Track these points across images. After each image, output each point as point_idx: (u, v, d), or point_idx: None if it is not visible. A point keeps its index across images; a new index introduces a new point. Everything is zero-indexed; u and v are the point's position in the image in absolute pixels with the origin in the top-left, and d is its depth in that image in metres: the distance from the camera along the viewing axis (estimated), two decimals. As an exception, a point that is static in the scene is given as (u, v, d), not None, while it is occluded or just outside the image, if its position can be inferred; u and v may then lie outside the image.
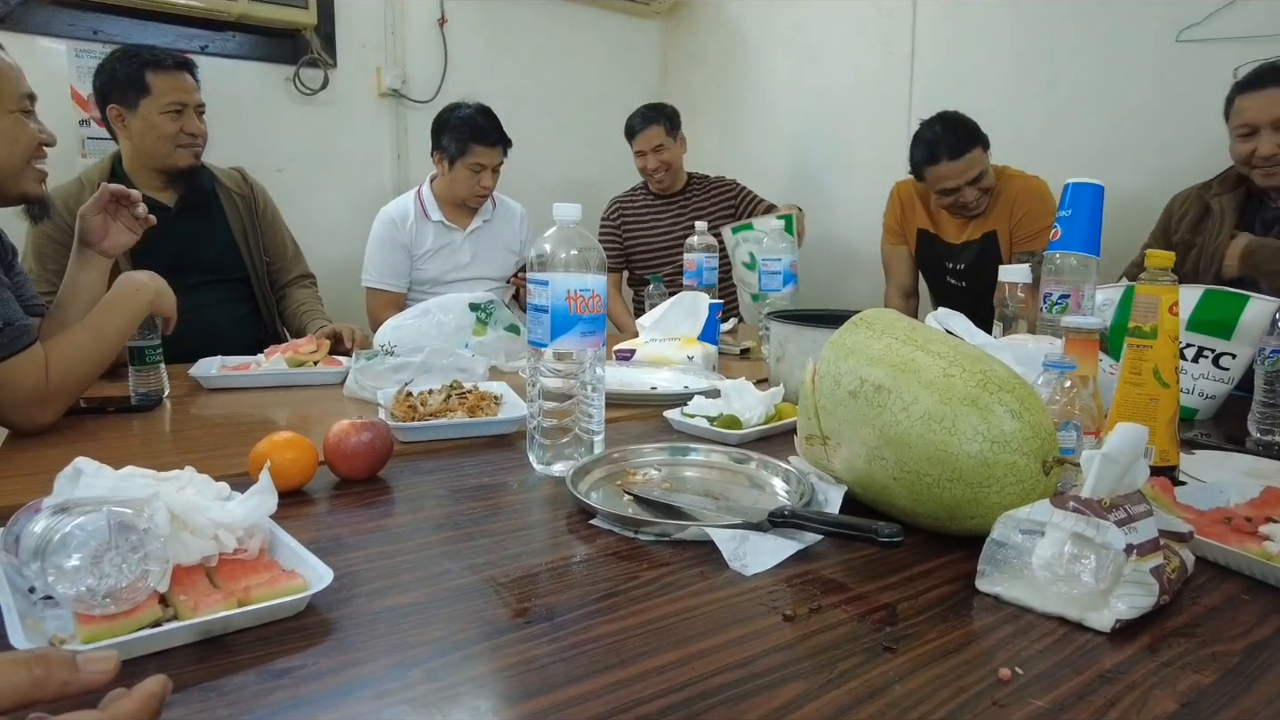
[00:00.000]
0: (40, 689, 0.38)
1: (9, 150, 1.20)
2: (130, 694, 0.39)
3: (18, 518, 0.64)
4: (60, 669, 0.39)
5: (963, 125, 2.16)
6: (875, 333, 0.84)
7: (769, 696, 0.53)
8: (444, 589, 0.67)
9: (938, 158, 2.15)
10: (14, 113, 1.19)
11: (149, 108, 1.79)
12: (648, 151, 2.73)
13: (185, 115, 1.82)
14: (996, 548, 0.68)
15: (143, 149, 1.82)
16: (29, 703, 0.37)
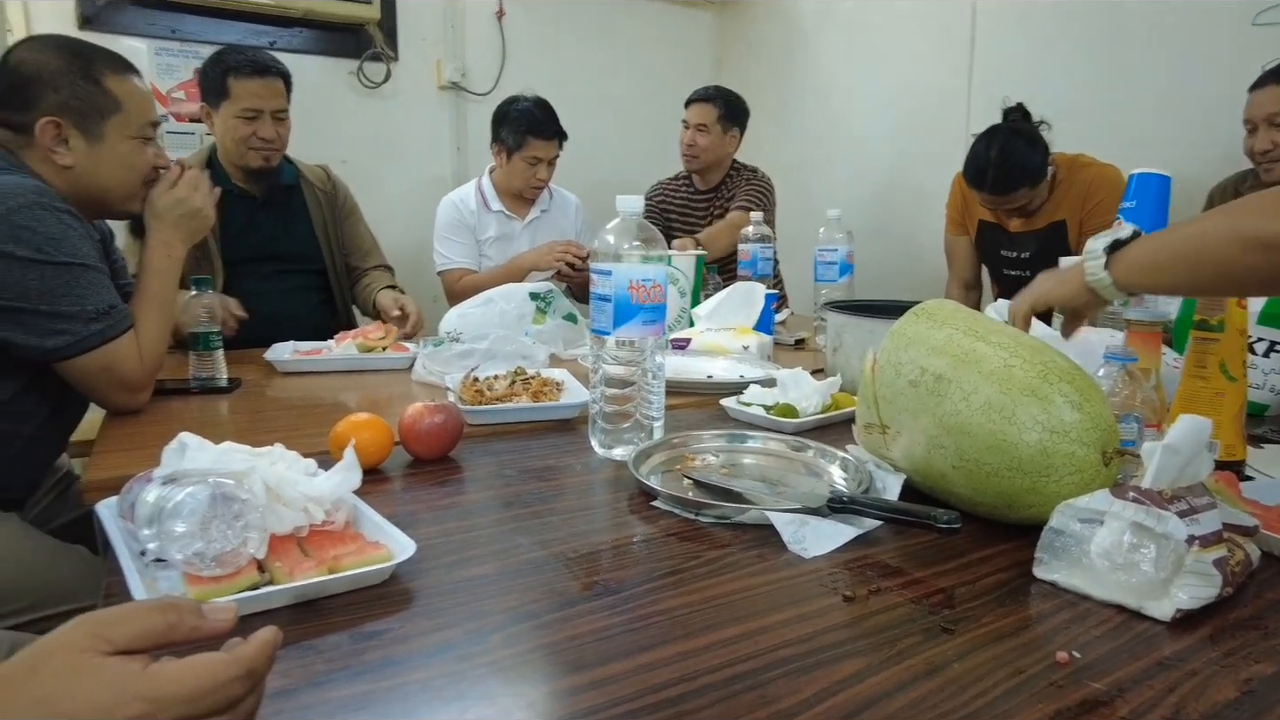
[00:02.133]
0: (174, 632, 0.42)
1: (126, 175, 1.27)
2: (248, 641, 0.43)
3: (131, 487, 0.70)
4: (190, 615, 0.43)
5: (1017, 165, 2.05)
6: (936, 323, 0.85)
7: (831, 670, 0.55)
8: (516, 562, 0.71)
9: (981, 187, 2.09)
10: (135, 139, 1.26)
11: (227, 110, 1.87)
12: (690, 125, 2.68)
13: (259, 120, 1.88)
14: (1054, 536, 0.69)
15: (225, 147, 1.92)
16: (165, 644, 0.42)
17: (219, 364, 1.42)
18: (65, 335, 1.12)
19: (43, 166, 1.20)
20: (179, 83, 2.62)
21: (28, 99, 1.19)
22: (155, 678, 0.39)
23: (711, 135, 2.66)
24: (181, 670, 0.40)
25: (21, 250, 1.08)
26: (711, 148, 2.67)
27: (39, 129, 1.18)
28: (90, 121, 1.21)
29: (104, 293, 1.16)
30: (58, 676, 0.39)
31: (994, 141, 2.05)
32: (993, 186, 2.06)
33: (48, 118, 1.18)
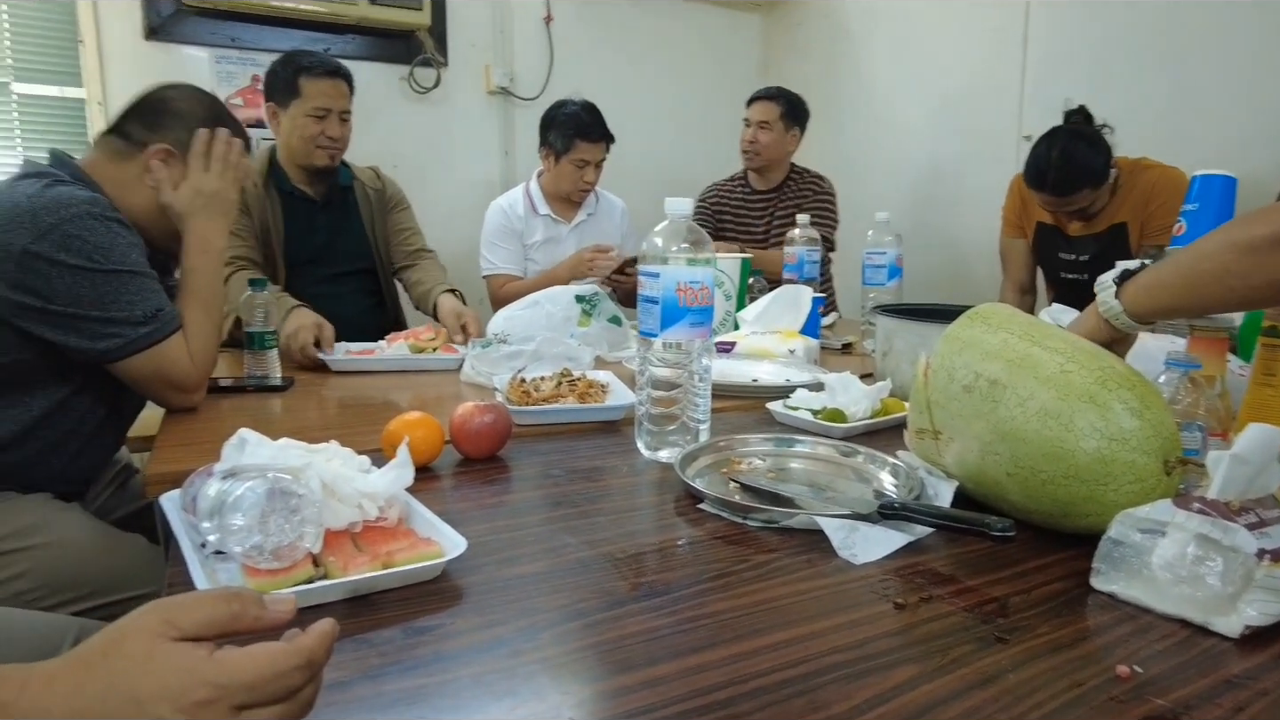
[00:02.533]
0: (237, 621, 0.43)
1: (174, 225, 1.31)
2: (307, 632, 0.44)
3: (193, 480, 0.72)
4: (253, 606, 0.44)
5: (1079, 167, 2.01)
6: (991, 327, 0.83)
7: (883, 677, 0.54)
8: (565, 561, 0.71)
9: (1042, 188, 2.05)
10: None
11: (297, 109, 1.93)
12: (753, 123, 2.68)
13: (328, 120, 1.94)
14: (1113, 546, 0.67)
15: (290, 146, 1.97)
16: (229, 633, 0.43)
17: (273, 363, 1.45)
18: (116, 339, 1.16)
19: (125, 187, 1.26)
20: (237, 90, 2.70)
21: (158, 124, 1.28)
22: (221, 664, 0.40)
23: (773, 133, 2.67)
24: (245, 658, 0.41)
25: (73, 259, 1.12)
26: (773, 145, 2.69)
27: (151, 150, 1.26)
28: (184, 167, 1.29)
29: (152, 297, 1.20)
30: (131, 660, 0.40)
31: (1055, 143, 2.01)
32: (1054, 188, 2.02)
33: (163, 145, 1.26)
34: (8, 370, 1.16)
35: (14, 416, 1.18)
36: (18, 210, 1.11)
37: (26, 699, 0.39)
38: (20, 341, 1.15)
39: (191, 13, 2.60)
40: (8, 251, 1.10)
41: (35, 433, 1.20)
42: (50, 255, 1.11)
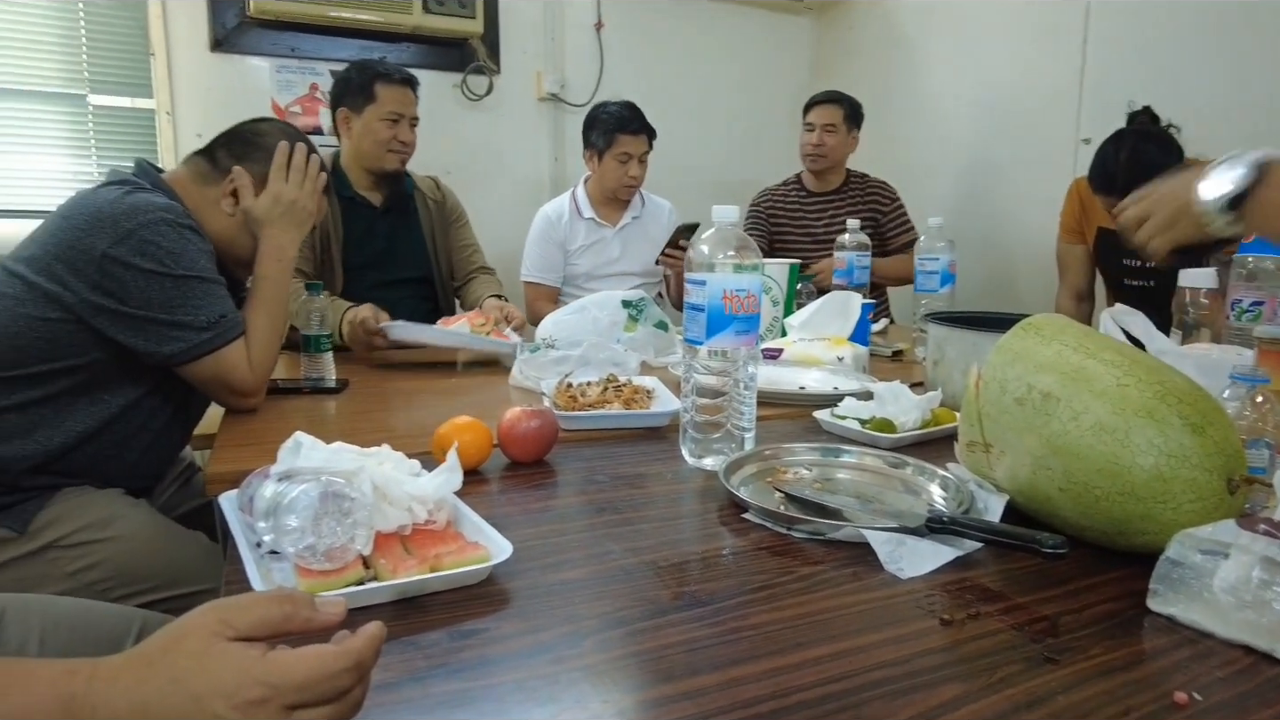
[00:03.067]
0: (289, 622, 0.45)
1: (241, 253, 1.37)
2: (356, 634, 0.45)
3: (250, 481, 0.75)
4: (304, 608, 0.45)
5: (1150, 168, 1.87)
6: (1044, 338, 0.81)
7: (927, 695, 0.53)
8: (608, 568, 0.72)
9: (1110, 191, 1.99)
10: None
11: (371, 114, 1.99)
12: (818, 127, 2.68)
13: (400, 125, 2.01)
14: (1171, 567, 0.65)
15: (360, 150, 2.02)
16: (280, 633, 0.44)
17: (328, 365, 1.49)
18: (180, 342, 1.20)
19: (208, 209, 1.32)
20: (295, 98, 2.78)
21: (245, 153, 1.34)
22: (273, 664, 0.42)
23: (839, 135, 2.70)
24: (297, 659, 0.42)
25: (147, 263, 1.17)
26: (838, 147, 2.72)
27: (234, 173, 1.32)
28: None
29: (217, 303, 1.24)
30: (190, 657, 0.42)
31: (1124, 145, 1.96)
32: (1124, 191, 1.96)
33: (247, 165, 1.32)
34: (89, 369, 1.21)
35: (94, 412, 1.23)
36: (100, 215, 1.17)
37: (95, 691, 0.41)
38: (99, 342, 1.20)
39: (254, 24, 2.68)
40: (89, 255, 1.16)
41: (111, 428, 1.25)
42: (127, 259, 1.16)
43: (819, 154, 2.70)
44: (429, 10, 2.79)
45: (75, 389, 1.21)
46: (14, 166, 2.49)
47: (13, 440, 1.18)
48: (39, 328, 1.17)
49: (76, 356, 1.20)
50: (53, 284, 1.16)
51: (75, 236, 1.16)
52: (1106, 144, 1.99)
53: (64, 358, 1.19)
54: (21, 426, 1.19)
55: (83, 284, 1.16)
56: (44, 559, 1.16)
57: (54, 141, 2.54)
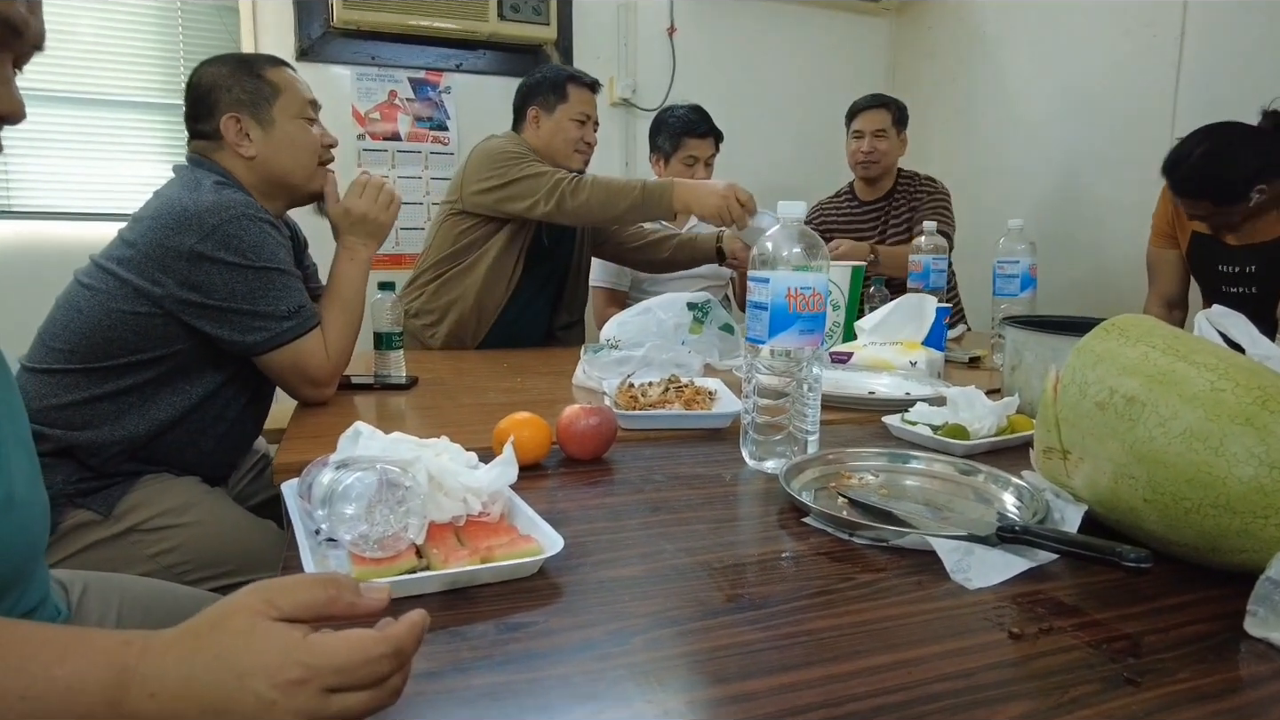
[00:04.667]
0: (333, 605, 0.45)
1: (299, 154, 1.39)
2: (399, 621, 0.45)
3: (310, 470, 0.76)
4: (348, 592, 0.46)
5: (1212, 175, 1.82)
6: (1130, 340, 0.76)
7: (990, 711, 0.50)
8: (662, 567, 0.70)
9: (1170, 177, 1.90)
10: (300, 118, 1.39)
11: (563, 113, 2.06)
12: (867, 134, 2.61)
13: (586, 127, 2.09)
14: (1273, 587, 0.60)
15: (551, 146, 2.07)
16: (324, 616, 0.45)
17: (399, 363, 1.52)
18: (262, 332, 1.25)
19: (235, 164, 1.35)
20: (375, 105, 2.85)
21: (210, 106, 1.35)
22: (314, 646, 0.42)
23: (889, 140, 2.62)
24: (337, 642, 0.42)
25: (231, 256, 1.22)
26: (890, 152, 2.64)
27: (223, 126, 1.34)
28: (260, 110, 1.36)
29: (295, 295, 1.29)
30: (234, 635, 0.42)
31: (1208, 140, 1.83)
32: (1178, 184, 1.87)
33: (228, 115, 1.34)
34: (173, 360, 1.27)
35: (175, 402, 1.29)
36: (186, 214, 1.22)
37: (146, 663, 0.42)
38: (185, 334, 1.26)
39: (338, 34, 2.77)
40: (178, 251, 1.21)
41: (191, 417, 1.30)
42: (213, 254, 1.21)
43: (871, 160, 2.61)
44: (504, 17, 2.83)
45: (160, 379, 1.27)
46: (118, 173, 2.63)
47: (103, 427, 1.24)
48: (130, 321, 1.23)
49: (163, 348, 1.25)
50: (144, 280, 1.22)
51: (165, 235, 1.22)
52: (1195, 133, 1.87)
53: (151, 349, 1.25)
54: (111, 414, 1.25)
55: (172, 280, 1.21)
56: (127, 541, 1.22)
57: (155, 149, 2.67)
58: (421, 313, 2.03)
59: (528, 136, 2.08)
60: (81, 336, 1.23)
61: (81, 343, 1.23)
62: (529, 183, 1.89)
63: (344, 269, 1.42)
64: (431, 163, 2.93)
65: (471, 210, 1.98)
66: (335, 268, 1.42)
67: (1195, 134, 1.88)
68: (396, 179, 2.88)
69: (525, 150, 1.98)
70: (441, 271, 2.02)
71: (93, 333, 1.23)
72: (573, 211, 1.86)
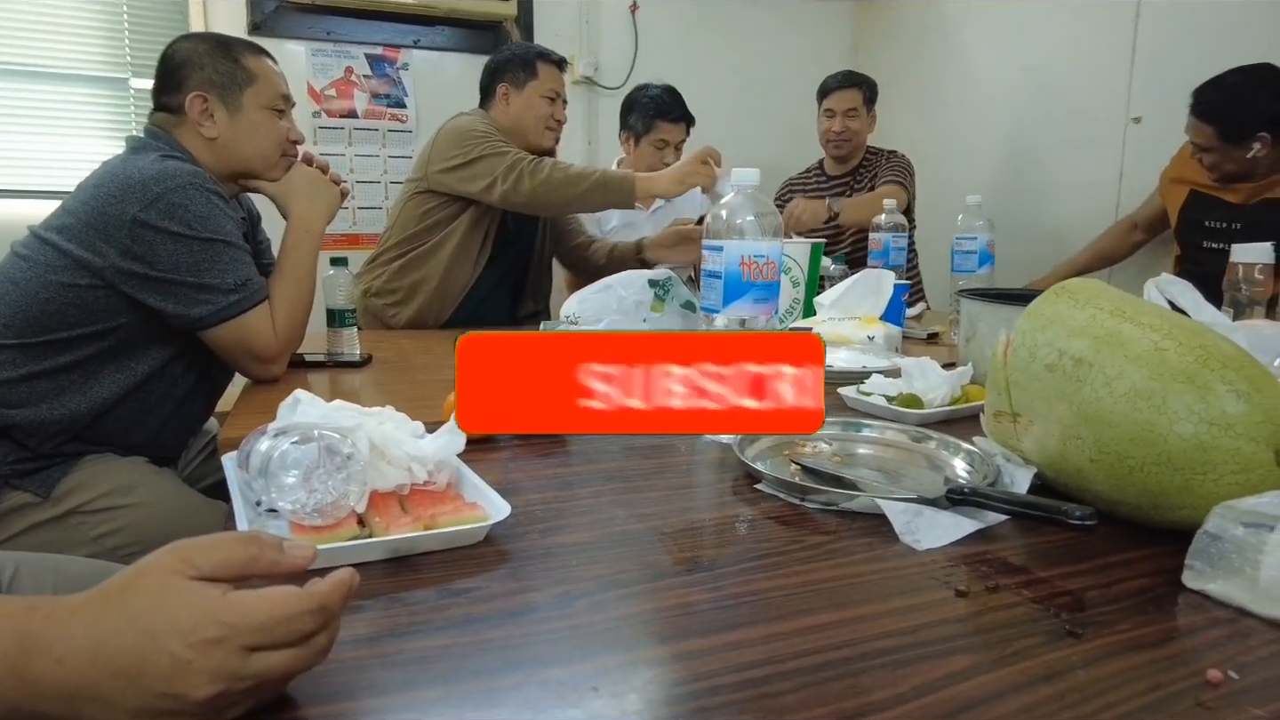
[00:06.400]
0: (254, 564, 0.43)
1: (263, 144, 1.36)
2: (324, 579, 0.43)
3: (248, 439, 0.74)
4: (270, 550, 0.44)
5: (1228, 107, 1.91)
6: (1078, 302, 0.77)
7: (934, 665, 0.50)
8: (611, 533, 0.69)
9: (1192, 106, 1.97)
10: (269, 109, 1.36)
11: (533, 90, 2.02)
12: (838, 113, 2.61)
13: (556, 104, 2.05)
14: (1210, 541, 0.60)
15: (522, 124, 2.03)
16: (245, 575, 0.43)
17: (352, 340, 1.49)
18: (207, 305, 1.21)
19: (194, 141, 1.32)
20: (331, 81, 2.79)
21: (179, 80, 1.31)
22: (233, 604, 0.40)
23: (860, 119, 2.63)
24: (257, 599, 0.41)
25: (175, 226, 1.18)
26: (861, 131, 2.65)
27: (188, 103, 1.30)
28: (230, 94, 1.32)
29: (242, 268, 1.25)
30: (148, 595, 0.40)
31: (1245, 74, 1.91)
32: (1198, 104, 1.95)
33: (195, 93, 1.30)
34: (116, 335, 1.23)
35: (119, 380, 1.25)
36: (130, 182, 1.18)
37: (51, 628, 0.40)
38: (127, 307, 1.21)
39: (291, 8, 2.70)
40: (120, 220, 1.17)
41: (136, 395, 1.27)
42: (156, 223, 1.17)
43: (843, 140, 2.62)
44: (463, -8, 2.78)
45: (102, 355, 1.23)
46: (58, 149, 2.54)
47: (41, 405, 1.20)
48: (69, 294, 1.19)
49: (105, 322, 1.21)
50: (84, 250, 1.18)
51: (106, 203, 1.18)
52: (1231, 70, 1.95)
53: (92, 323, 1.21)
54: (50, 392, 1.20)
55: (113, 249, 1.17)
56: (67, 524, 1.18)
57: (96, 125, 2.59)
58: (384, 292, 1.99)
59: (497, 114, 2.05)
60: (17, 310, 1.19)
61: (17, 317, 1.19)
62: (489, 161, 1.85)
63: (296, 241, 1.38)
64: (389, 140, 2.88)
65: (436, 189, 1.94)
66: (285, 242, 1.39)
67: (1238, 68, 1.95)
68: (354, 157, 2.83)
69: (493, 130, 1.94)
70: (405, 251, 1.99)
71: (29, 306, 1.19)
72: (529, 192, 1.82)
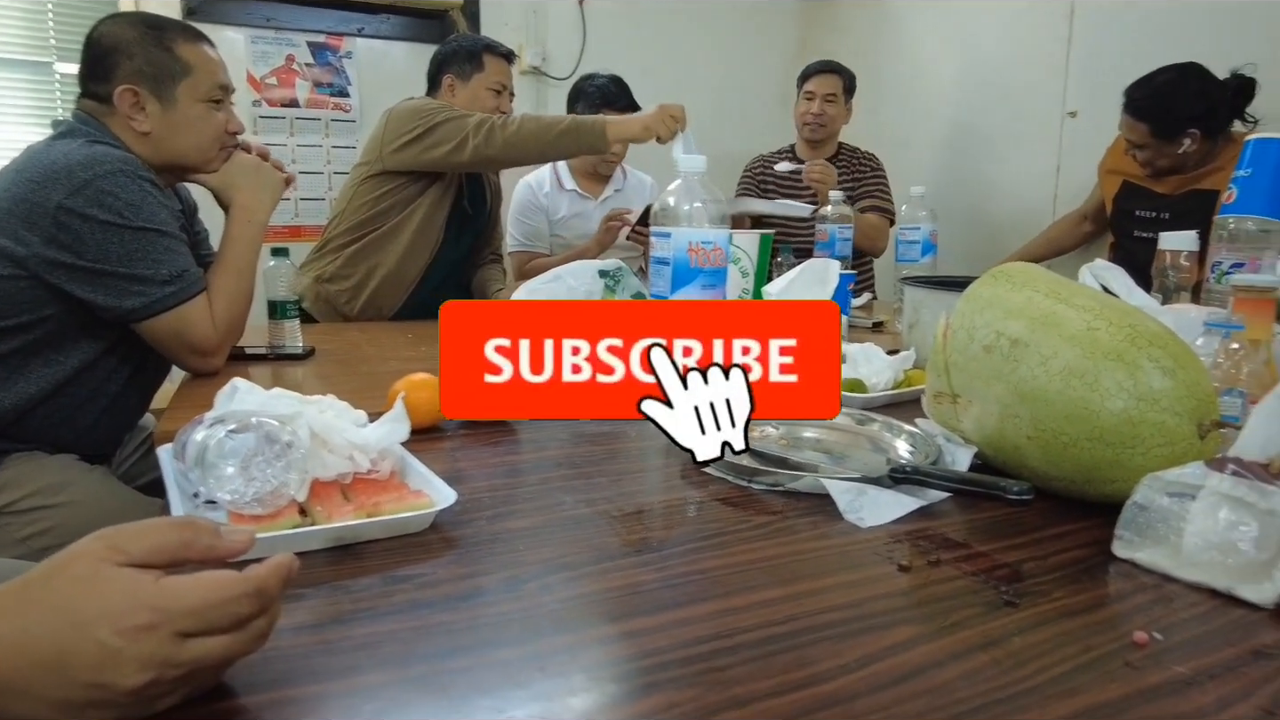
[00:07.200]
0: (188, 549, 0.42)
1: (199, 138, 1.30)
2: (262, 564, 0.42)
3: (184, 429, 0.71)
4: (205, 534, 0.43)
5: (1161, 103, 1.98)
6: (1015, 285, 0.79)
7: (878, 636, 0.51)
8: (559, 518, 0.69)
9: (1126, 105, 2.03)
10: (206, 101, 1.29)
11: (479, 82, 2.00)
12: (818, 96, 2.63)
13: (502, 96, 2.03)
14: (1138, 511, 0.63)
15: None
16: (179, 560, 0.42)
17: (294, 332, 1.46)
18: (141, 297, 1.17)
19: (125, 133, 1.25)
20: (271, 69, 2.72)
21: (108, 69, 1.24)
22: (165, 589, 0.39)
23: (838, 106, 2.66)
24: (190, 584, 0.40)
25: (104, 214, 1.13)
26: (837, 118, 2.68)
27: (117, 96, 1.23)
28: (163, 86, 1.25)
29: (178, 258, 1.21)
30: (74, 582, 0.39)
31: (1176, 71, 1.98)
32: (1131, 102, 2.02)
33: (125, 85, 1.23)
34: (42, 327, 1.18)
35: (47, 375, 1.20)
36: (54, 168, 1.13)
37: None
38: (53, 299, 1.16)
39: (229, -7, 2.62)
40: (44, 208, 1.12)
41: (66, 390, 1.21)
42: (82, 210, 1.12)
43: (819, 123, 2.64)
44: (408, -20, 2.74)
45: (28, 348, 1.18)
46: (-21, 136, 2.43)
47: (-37, 403, 1.14)
48: None
49: (30, 314, 1.16)
50: (6, 239, 1.13)
51: (29, 190, 1.12)
52: (1162, 68, 2.02)
53: (16, 315, 1.16)
54: (-28, 389, 1.15)
55: (37, 238, 1.12)
56: (-6, 524, 1.13)
57: (19, 111, 2.48)
58: (337, 278, 1.94)
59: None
60: (-66, 304, 1.13)
61: (-66, 311, 1.13)
62: (455, 123, 1.82)
63: (238, 232, 1.34)
64: (333, 130, 2.82)
65: (393, 169, 1.90)
66: (227, 232, 1.34)
67: (1169, 66, 2.01)
68: (296, 147, 2.76)
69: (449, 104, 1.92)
70: (358, 236, 1.94)
71: (-53, 299, 1.13)
72: (504, 142, 1.78)
